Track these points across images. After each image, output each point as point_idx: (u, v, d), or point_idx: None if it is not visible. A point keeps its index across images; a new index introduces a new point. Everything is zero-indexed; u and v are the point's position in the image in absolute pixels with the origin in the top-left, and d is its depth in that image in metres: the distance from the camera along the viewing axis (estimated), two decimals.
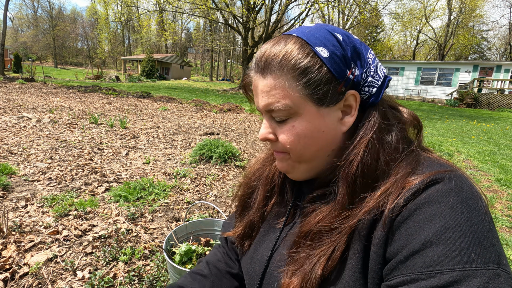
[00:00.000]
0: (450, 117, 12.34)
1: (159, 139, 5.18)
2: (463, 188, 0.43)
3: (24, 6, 65.28)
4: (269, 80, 0.51)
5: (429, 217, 0.41)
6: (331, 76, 0.49)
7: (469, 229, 0.39)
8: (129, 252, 1.91)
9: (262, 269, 0.61)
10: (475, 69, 20.42)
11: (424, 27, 38.75)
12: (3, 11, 21.00)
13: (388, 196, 0.46)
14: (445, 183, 0.43)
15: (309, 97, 0.50)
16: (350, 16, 35.38)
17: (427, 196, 0.43)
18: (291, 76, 0.49)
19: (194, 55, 71.46)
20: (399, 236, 0.43)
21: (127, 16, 26.48)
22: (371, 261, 0.45)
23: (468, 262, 0.37)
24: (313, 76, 0.49)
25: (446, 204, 0.41)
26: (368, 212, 0.47)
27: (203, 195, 2.98)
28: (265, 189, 0.69)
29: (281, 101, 0.50)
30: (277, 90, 0.50)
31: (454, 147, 6.19)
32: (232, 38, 50.76)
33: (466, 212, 0.40)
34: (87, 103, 8.92)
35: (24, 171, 3.17)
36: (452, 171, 0.45)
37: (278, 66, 0.50)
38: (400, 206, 0.44)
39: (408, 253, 0.41)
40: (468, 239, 0.38)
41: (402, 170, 0.48)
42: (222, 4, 21.03)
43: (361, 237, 0.47)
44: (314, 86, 0.49)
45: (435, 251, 0.39)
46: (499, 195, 3.57)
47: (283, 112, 0.51)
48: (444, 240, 0.39)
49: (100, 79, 24.14)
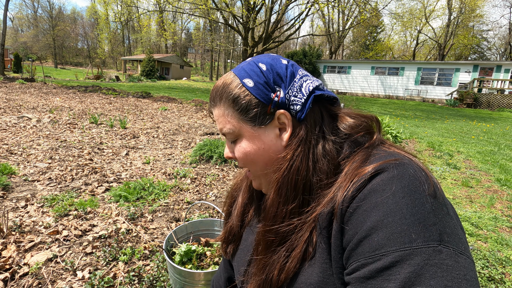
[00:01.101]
0: (450, 117, 12.34)
1: (159, 139, 5.18)
2: (405, 174, 0.45)
3: (24, 6, 65.27)
4: (216, 110, 0.62)
5: (374, 204, 0.44)
6: (258, 101, 0.57)
7: (409, 211, 0.41)
8: (129, 252, 1.91)
9: (243, 270, 0.67)
10: (475, 69, 20.42)
11: (424, 27, 38.74)
12: (3, 11, 21.01)
13: (339, 189, 0.49)
14: (389, 172, 0.46)
15: (243, 120, 0.59)
16: (350, 16, 35.38)
17: (372, 186, 0.45)
18: (228, 105, 0.59)
19: (194, 55, 71.44)
20: (350, 225, 0.46)
21: (127, 16, 26.44)
22: (333, 252, 0.48)
23: (408, 242, 0.39)
24: (243, 103, 0.58)
25: (389, 191, 0.43)
26: (324, 206, 0.51)
27: (203, 195, 2.98)
28: (243, 198, 0.75)
29: (226, 126, 0.60)
30: (222, 117, 0.61)
31: (454, 147, 6.19)
32: (232, 38, 50.75)
33: (407, 196, 0.42)
34: (87, 103, 8.92)
35: (24, 171, 3.17)
36: (397, 160, 0.48)
37: (219, 98, 0.61)
38: (349, 198, 0.47)
39: (357, 240, 0.44)
40: (408, 220, 0.41)
41: (353, 165, 0.51)
42: (222, 4, 21.03)
43: (323, 231, 0.50)
44: (245, 111, 0.58)
45: (379, 235, 0.42)
46: (499, 195, 3.57)
47: (231, 135, 0.61)
48: (387, 224, 0.41)
49: (100, 79, 24.14)
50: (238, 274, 0.70)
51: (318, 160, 0.54)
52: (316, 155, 0.55)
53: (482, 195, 3.52)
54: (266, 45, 18.83)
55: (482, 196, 3.50)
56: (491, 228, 2.67)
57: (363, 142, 0.56)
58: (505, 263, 2.14)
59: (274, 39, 19.42)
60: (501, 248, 2.35)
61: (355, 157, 0.53)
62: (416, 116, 12.39)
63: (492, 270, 2.05)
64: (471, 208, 3.12)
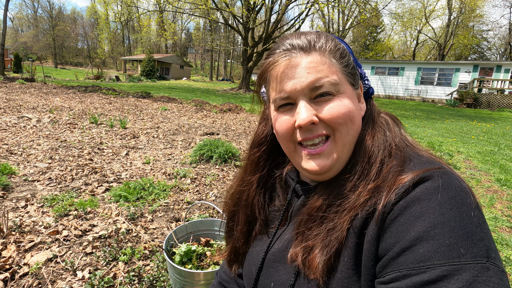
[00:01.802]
0: (450, 117, 12.34)
1: (159, 139, 5.18)
2: (451, 185, 0.43)
3: (24, 6, 65.30)
4: (315, 56, 0.53)
5: (419, 214, 0.42)
6: (354, 64, 0.57)
7: (458, 224, 0.40)
8: (129, 252, 1.91)
9: (257, 270, 0.63)
10: (475, 69, 20.42)
11: (424, 27, 38.76)
12: (3, 11, 21.00)
13: (381, 193, 0.47)
14: (434, 180, 0.44)
15: (347, 77, 0.55)
16: (350, 16, 35.36)
17: (416, 194, 0.44)
18: (333, 55, 0.54)
19: (194, 55, 71.44)
20: (390, 233, 0.44)
21: (127, 16, 26.47)
22: (364, 258, 0.46)
23: (457, 256, 0.38)
24: (348, 59, 0.56)
25: (435, 201, 0.42)
26: (362, 207, 0.48)
27: (203, 195, 2.98)
28: (246, 214, 0.70)
29: (330, 76, 0.52)
30: (325, 66, 0.53)
31: (454, 147, 6.19)
32: (232, 38, 50.74)
33: (454, 208, 0.41)
34: (87, 103, 8.92)
35: (24, 171, 3.17)
36: (441, 168, 0.46)
37: (322, 45, 0.54)
38: (391, 204, 0.45)
39: (399, 250, 0.42)
40: (456, 234, 0.39)
41: (393, 167, 0.49)
42: (222, 4, 21.03)
43: (354, 235, 0.48)
44: (350, 68, 0.56)
45: (425, 247, 0.40)
46: (499, 195, 3.57)
47: (332, 87, 0.52)
48: (434, 236, 0.40)
49: (100, 79, 24.14)
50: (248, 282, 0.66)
51: (381, 145, 0.54)
52: (383, 138, 0.55)
53: (482, 195, 3.52)
54: (266, 45, 18.84)
55: (482, 196, 3.50)
56: (491, 228, 2.67)
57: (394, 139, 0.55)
58: (505, 263, 2.14)
59: (274, 39, 19.42)
60: (501, 248, 2.35)
61: (391, 157, 0.51)
62: (416, 116, 12.38)
63: None
64: None
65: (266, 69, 0.58)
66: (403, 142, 0.55)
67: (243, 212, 0.70)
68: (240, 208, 0.71)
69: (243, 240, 0.69)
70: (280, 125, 0.57)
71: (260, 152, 0.70)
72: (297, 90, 0.53)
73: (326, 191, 0.56)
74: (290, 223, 0.63)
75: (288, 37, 0.57)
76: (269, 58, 0.57)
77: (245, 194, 0.70)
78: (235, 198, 0.73)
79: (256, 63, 19.88)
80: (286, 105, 0.56)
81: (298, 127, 0.54)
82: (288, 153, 0.59)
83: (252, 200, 0.69)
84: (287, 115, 0.56)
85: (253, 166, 0.71)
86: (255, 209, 0.68)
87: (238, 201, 0.72)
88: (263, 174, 0.70)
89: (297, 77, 0.52)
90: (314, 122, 0.52)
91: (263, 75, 0.59)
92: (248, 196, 0.69)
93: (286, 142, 0.58)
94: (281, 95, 0.55)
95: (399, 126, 0.59)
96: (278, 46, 0.57)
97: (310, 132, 0.54)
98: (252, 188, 0.69)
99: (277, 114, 0.58)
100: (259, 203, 0.68)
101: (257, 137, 0.71)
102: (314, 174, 0.56)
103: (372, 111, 0.60)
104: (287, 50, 0.54)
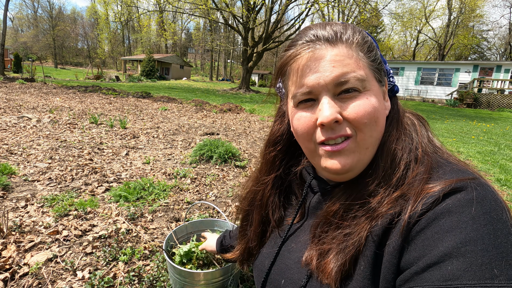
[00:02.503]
0: (450, 117, 12.34)
1: (159, 139, 5.18)
2: (486, 198, 0.40)
3: (24, 6, 65.29)
4: (341, 49, 0.48)
5: (449, 228, 0.39)
6: (380, 59, 0.53)
7: (492, 243, 0.36)
8: (129, 252, 1.91)
9: (269, 263, 0.61)
10: (475, 69, 20.42)
11: (424, 27, 38.76)
12: (3, 11, 21.00)
13: (406, 202, 0.44)
14: (467, 192, 0.40)
15: (374, 72, 0.51)
16: (350, 16, 35.36)
17: (447, 206, 0.40)
18: (361, 49, 0.50)
19: (194, 55, 71.45)
20: (415, 246, 0.41)
21: (127, 16, 26.47)
22: (384, 270, 0.44)
23: (490, 278, 0.35)
24: (376, 53, 0.51)
25: (468, 215, 0.38)
26: (384, 216, 0.45)
27: (203, 195, 2.98)
28: (260, 215, 0.67)
29: (357, 71, 0.48)
30: (352, 59, 0.48)
31: (454, 147, 6.19)
32: (232, 38, 50.74)
33: (489, 224, 0.37)
34: (87, 103, 8.92)
35: (24, 171, 3.17)
36: (475, 179, 0.42)
37: (349, 37, 0.49)
38: (418, 215, 0.42)
39: (425, 265, 0.39)
40: (490, 253, 0.36)
41: (420, 174, 0.46)
42: (222, 4, 21.02)
43: (373, 244, 0.45)
44: (377, 63, 0.52)
45: (454, 264, 0.36)
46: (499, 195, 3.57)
47: (358, 83, 0.48)
48: (465, 253, 0.36)
49: (100, 79, 24.14)
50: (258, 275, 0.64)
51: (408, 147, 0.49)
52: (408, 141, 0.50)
53: None
54: (266, 45, 18.84)
55: None
56: None
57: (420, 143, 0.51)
58: None
59: (274, 39, 19.42)
60: None
61: (417, 163, 0.48)
62: None
63: None
64: None
65: (287, 62, 0.53)
66: (430, 145, 0.51)
67: (257, 212, 0.68)
68: (254, 208, 0.69)
69: (256, 241, 0.67)
70: (300, 122, 0.52)
71: (276, 151, 0.66)
72: (321, 84, 0.48)
73: (344, 194, 0.53)
74: (306, 220, 0.61)
75: (312, 27, 0.52)
76: (290, 49, 0.53)
77: (260, 194, 0.68)
78: (250, 198, 0.71)
79: (256, 63, 19.87)
80: (307, 101, 0.51)
81: (320, 125, 0.49)
82: (308, 153, 0.55)
83: (267, 201, 0.66)
84: (308, 112, 0.51)
85: (268, 166, 0.68)
86: (269, 209, 0.66)
87: (253, 201, 0.70)
88: (278, 174, 0.67)
89: (321, 71, 0.48)
90: (338, 120, 0.48)
91: (283, 69, 0.55)
92: (262, 197, 0.67)
93: (306, 141, 0.53)
94: (302, 90, 0.50)
95: (426, 127, 0.55)
96: (301, 36, 0.52)
97: (333, 132, 0.49)
98: (267, 188, 0.67)
99: (296, 110, 0.53)
100: (273, 204, 0.66)
101: (273, 136, 0.67)
102: (334, 174, 0.52)
103: (397, 111, 0.55)
104: (310, 42, 0.50)
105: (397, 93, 0.60)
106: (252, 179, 0.72)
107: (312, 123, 0.51)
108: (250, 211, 0.70)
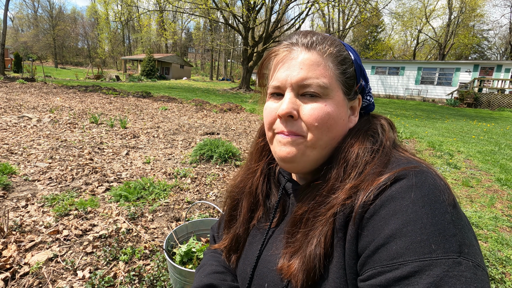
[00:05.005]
0: (450, 117, 12.33)
1: (159, 138, 5.18)
2: (425, 183, 0.44)
3: (24, 6, 65.28)
4: (313, 55, 0.55)
5: (393, 212, 0.43)
6: (354, 75, 0.58)
7: (429, 221, 0.40)
8: (130, 251, 1.91)
9: (251, 269, 0.63)
10: (475, 68, 20.40)
11: (424, 27, 38.71)
12: (3, 11, 21.01)
13: (359, 193, 0.48)
14: (408, 179, 0.45)
15: (341, 84, 0.56)
16: (350, 15, 35.34)
17: (391, 193, 0.45)
18: (333, 59, 0.55)
19: (194, 55, 71.43)
20: (367, 231, 0.45)
21: (127, 16, 26.43)
22: (347, 257, 0.47)
23: (428, 252, 0.39)
24: (348, 67, 0.57)
25: (408, 199, 0.43)
26: (340, 205, 0.49)
27: (204, 195, 2.98)
28: (249, 202, 0.71)
29: (321, 78, 0.54)
30: (319, 67, 0.54)
31: (455, 146, 6.19)
32: (232, 38, 50.71)
33: (427, 206, 0.42)
34: (88, 103, 8.92)
35: (24, 170, 3.17)
36: (416, 167, 0.47)
37: (325, 47, 0.55)
38: (368, 203, 0.46)
39: (374, 248, 0.43)
40: (428, 230, 0.40)
41: (373, 169, 0.50)
42: (222, 3, 21.02)
43: (340, 235, 0.49)
44: (347, 76, 0.56)
45: (398, 244, 0.41)
46: (499, 195, 3.56)
47: (319, 89, 0.53)
48: (406, 233, 0.41)
49: (101, 78, 24.14)
50: (243, 281, 0.66)
51: (368, 152, 0.54)
52: (369, 147, 0.55)
53: (483, 195, 3.52)
54: (266, 45, 18.82)
55: (482, 195, 3.50)
56: (492, 228, 2.67)
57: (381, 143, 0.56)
58: (505, 263, 2.14)
59: (274, 39, 19.40)
60: (501, 248, 2.35)
61: (375, 160, 0.52)
62: (416, 115, 12.38)
63: (493, 269, 2.05)
64: (472, 208, 3.12)
65: (269, 57, 0.61)
66: (392, 147, 0.56)
67: (246, 199, 0.71)
68: (243, 196, 0.72)
69: (244, 227, 0.71)
70: (266, 112, 0.59)
71: (265, 141, 0.71)
72: (288, 82, 0.55)
73: (306, 195, 0.57)
74: (283, 223, 0.64)
75: (297, 33, 0.59)
76: (274, 48, 0.60)
77: (250, 181, 0.72)
78: (240, 187, 0.74)
79: (256, 63, 19.85)
80: (277, 95, 0.58)
81: (278, 117, 0.56)
82: (268, 140, 0.62)
83: (256, 188, 0.70)
84: (275, 104, 0.58)
85: (258, 154, 0.73)
86: (259, 196, 0.70)
87: (243, 189, 0.73)
88: (267, 161, 0.72)
89: (290, 70, 0.55)
90: (293, 115, 0.54)
91: (265, 63, 0.62)
92: (252, 184, 0.71)
93: (267, 129, 0.60)
94: (274, 84, 0.57)
95: (393, 131, 0.60)
96: (286, 39, 0.59)
97: (290, 126, 0.55)
98: (256, 175, 0.71)
99: (267, 100, 0.60)
100: (262, 192, 0.70)
101: (263, 126, 0.71)
102: (281, 161, 0.58)
103: (362, 126, 0.59)
104: (291, 44, 0.57)
105: (371, 111, 0.66)
106: (244, 167, 0.77)
107: (275, 114, 0.57)
108: (240, 199, 0.74)
